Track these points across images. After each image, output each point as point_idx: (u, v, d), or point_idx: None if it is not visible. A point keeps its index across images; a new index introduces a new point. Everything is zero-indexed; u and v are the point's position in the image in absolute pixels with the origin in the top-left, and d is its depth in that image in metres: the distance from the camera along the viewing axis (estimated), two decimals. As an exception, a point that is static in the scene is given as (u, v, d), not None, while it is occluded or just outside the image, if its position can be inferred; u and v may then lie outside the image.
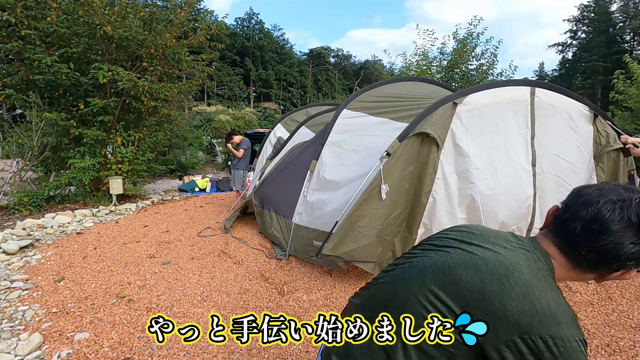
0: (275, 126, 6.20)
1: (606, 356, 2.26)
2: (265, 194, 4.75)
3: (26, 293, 3.04)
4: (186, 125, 13.31)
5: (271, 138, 6.01)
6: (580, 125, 3.26)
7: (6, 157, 7.37)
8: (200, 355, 2.24)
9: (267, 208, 4.61)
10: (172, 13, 7.27)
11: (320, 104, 6.63)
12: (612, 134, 3.33)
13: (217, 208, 6.80)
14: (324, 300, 2.99)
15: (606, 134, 3.32)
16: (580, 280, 1.03)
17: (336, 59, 57.48)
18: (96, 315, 2.69)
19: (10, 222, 5.23)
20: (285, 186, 4.35)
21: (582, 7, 38.23)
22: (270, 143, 5.94)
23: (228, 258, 4.01)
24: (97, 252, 4.13)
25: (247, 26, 46.54)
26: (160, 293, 3.10)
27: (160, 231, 5.05)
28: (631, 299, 3.05)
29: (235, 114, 17.83)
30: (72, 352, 2.23)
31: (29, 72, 5.91)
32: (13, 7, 5.57)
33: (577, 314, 2.66)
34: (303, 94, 49.69)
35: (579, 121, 3.25)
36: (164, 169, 9.51)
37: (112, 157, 6.78)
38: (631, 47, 36.27)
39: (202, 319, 2.68)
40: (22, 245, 4.15)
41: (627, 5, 34.92)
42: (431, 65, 10.31)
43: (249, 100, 44.40)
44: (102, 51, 6.61)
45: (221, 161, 14.76)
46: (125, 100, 6.63)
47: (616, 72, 9.86)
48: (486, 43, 9.91)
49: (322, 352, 1.03)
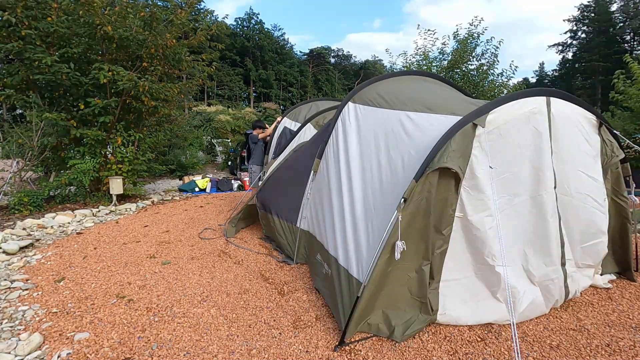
0: (282, 120, 5.91)
1: (606, 356, 2.26)
2: (267, 196, 4.55)
3: (26, 293, 3.04)
4: (186, 125, 13.30)
5: (277, 132, 5.78)
6: (591, 136, 3.01)
7: (6, 157, 7.38)
8: (200, 355, 2.24)
9: (269, 211, 4.43)
10: (172, 13, 7.28)
11: (330, 99, 6.31)
12: (615, 142, 3.20)
13: (217, 208, 6.80)
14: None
15: (610, 143, 3.12)
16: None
17: (336, 59, 57.54)
18: (96, 315, 2.69)
19: (10, 222, 5.23)
20: (289, 188, 4.16)
21: (582, 7, 38.27)
22: (276, 138, 5.72)
23: (228, 258, 4.01)
24: (97, 252, 4.13)
25: (247, 26, 46.58)
26: (160, 293, 3.10)
27: (160, 231, 5.05)
28: (631, 299, 3.05)
29: (236, 114, 17.84)
30: (72, 352, 2.23)
31: (29, 72, 5.92)
32: (13, 7, 5.57)
33: (577, 314, 2.64)
34: (303, 94, 49.71)
35: (590, 132, 3.01)
36: (164, 169, 9.51)
37: (112, 157, 6.77)
38: (631, 47, 36.29)
39: (202, 319, 2.68)
40: (22, 245, 4.15)
41: (627, 5, 34.94)
42: (431, 66, 10.31)
43: (249, 100, 44.44)
44: (102, 51, 6.61)
45: (221, 161, 14.77)
46: (125, 100, 6.63)
47: (616, 72, 9.87)
48: (487, 43, 9.92)
49: None
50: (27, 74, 5.95)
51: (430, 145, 2.49)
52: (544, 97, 2.71)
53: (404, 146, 2.77)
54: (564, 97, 2.84)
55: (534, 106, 2.64)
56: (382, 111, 3.22)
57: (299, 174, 4.01)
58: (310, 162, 3.81)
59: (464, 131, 2.41)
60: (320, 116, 4.90)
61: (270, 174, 4.68)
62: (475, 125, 2.42)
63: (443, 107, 2.84)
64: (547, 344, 2.38)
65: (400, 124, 2.93)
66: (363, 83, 3.69)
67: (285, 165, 4.52)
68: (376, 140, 3.06)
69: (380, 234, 2.45)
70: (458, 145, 2.38)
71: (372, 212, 2.76)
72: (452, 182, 2.43)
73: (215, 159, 15.40)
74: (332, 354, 2.26)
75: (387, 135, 2.98)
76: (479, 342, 2.38)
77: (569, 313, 2.79)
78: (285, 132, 5.57)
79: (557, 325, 2.61)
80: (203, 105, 22.42)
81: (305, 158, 4.06)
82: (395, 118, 3.02)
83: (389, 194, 2.67)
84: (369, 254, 2.53)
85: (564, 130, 2.79)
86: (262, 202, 4.63)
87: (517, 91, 2.75)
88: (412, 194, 2.32)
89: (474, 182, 2.47)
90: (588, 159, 2.98)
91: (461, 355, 2.25)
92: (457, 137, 2.39)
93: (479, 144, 2.46)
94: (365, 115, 3.36)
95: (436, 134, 2.54)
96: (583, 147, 2.97)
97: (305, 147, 4.36)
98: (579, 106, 2.95)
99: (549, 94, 2.75)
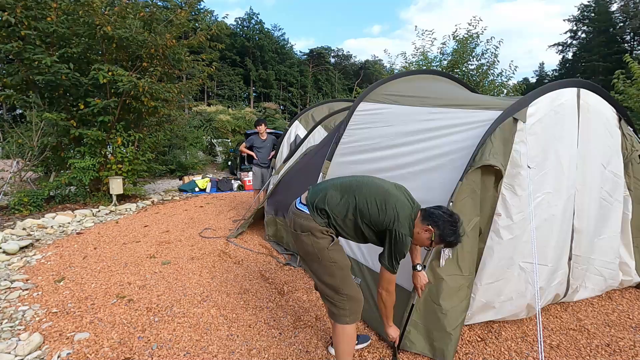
0: (293, 123, 5.67)
1: (606, 356, 2.26)
2: (278, 199, 4.43)
3: (26, 293, 3.04)
4: (186, 125, 13.31)
5: (290, 137, 5.55)
6: (614, 130, 2.94)
7: (6, 157, 7.39)
8: (200, 355, 2.24)
9: (279, 215, 4.33)
10: (172, 13, 7.28)
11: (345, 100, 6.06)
12: (635, 136, 3.12)
13: (217, 208, 6.80)
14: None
15: (630, 137, 3.04)
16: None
17: (336, 59, 57.45)
18: (96, 315, 2.69)
19: (10, 222, 5.23)
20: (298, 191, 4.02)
21: (582, 7, 38.26)
22: (287, 143, 5.51)
23: (228, 258, 4.01)
24: (97, 252, 4.13)
25: (247, 26, 46.51)
26: (161, 293, 3.10)
27: (160, 231, 5.05)
28: (631, 299, 3.05)
29: (236, 114, 17.84)
30: (72, 352, 2.23)
31: (29, 72, 5.91)
32: (13, 7, 5.57)
33: (577, 314, 2.63)
34: (303, 94, 49.67)
35: (613, 125, 2.94)
36: (164, 169, 9.51)
37: (112, 157, 6.77)
38: (631, 47, 36.29)
39: (202, 319, 2.68)
40: (22, 245, 4.15)
41: (627, 5, 34.93)
42: (431, 66, 10.30)
43: (249, 100, 44.39)
44: (102, 51, 6.60)
45: (221, 161, 14.76)
46: (125, 100, 6.63)
47: (616, 72, 9.87)
48: (486, 43, 9.91)
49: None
50: (27, 74, 5.95)
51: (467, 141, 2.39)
52: (576, 88, 2.63)
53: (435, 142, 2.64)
54: (594, 88, 2.76)
55: (566, 98, 2.57)
56: (403, 108, 3.09)
57: (308, 177, 3.88)
58: (320, 164, 3.68)
59: (505, 126, 2.29)
60: (331, 118, 4.71)
61: (280, 178, 4.56)
62: (516, 120, 2.29)
63: (474, 102, 2.74)
64: (547, 344, 2.38)
65: (426, 120, 2.80)
66: (376, 82, 3.59)
67: (295, 169, 4.40)
68: (398, 139, 2.91)
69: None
70: (499, 140, 2.26)
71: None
72: (492, 180, 2.30)
73: (215, 159, 15.39)
74: (331, 355, 2.26)
75: (411, 132, 2.84)
76: (479, 342, 2.38)
77: (569, 313, 2.79)
78: (297, 137, 5.37)
79: (557, 325, 2.61)
80: (203, 105, 22.41)
81: (315, 160, 3.93)
82: (420, 114, 2.88)
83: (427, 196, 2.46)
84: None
85: (591, 123, 2.72)
86: (275, 207, 4.51)
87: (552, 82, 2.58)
88: (458, 194, 2.18)
89: (516, 179, 2.33)
90: (611, 152, 2.90)
91: (461, 355, 2.25)
92: (497, 132, 2.26)
93: (521, 139, 2.31)
94: (382, 113, 3.24)
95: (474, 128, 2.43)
96: (607, 140, 2.88)
97: (315, 149, 4.23)
98: (604, 99, 2.87)
99: (581, 85, 2.67)
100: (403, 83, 3.59)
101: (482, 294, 2.41)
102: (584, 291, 2.92)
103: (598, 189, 2.82)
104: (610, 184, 2.91)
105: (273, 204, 4.59)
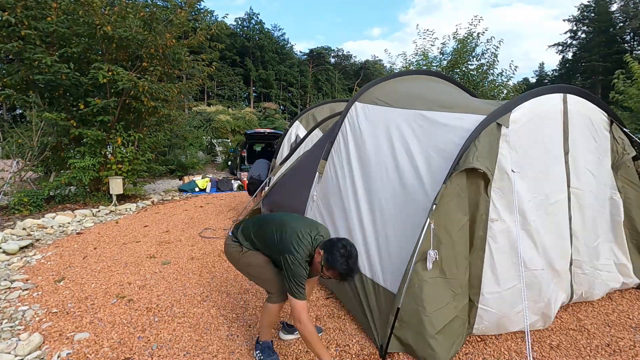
0: (294, 123, 5.60)
1: (606, 356, 2.26)
2: (274, 200, 4.43)
3: (26, 293, 3.04)
4: (186, 125, 13.31)
5: (290, 137, 5.51)
6: (600, 135, 2.96)
7: (6, 157, 7.38)
8: (200, 355, 2.24)
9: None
10: (172, 13, 7.28)
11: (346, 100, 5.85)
12: (626, 140, 3.15)
13: (217, 208, 6.80)
14: (324, 300, 2.99)
15: (622, 140, 3.06)
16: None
17: (336, 59, 57.47)
18: (96, 315, 2.69)
19: (10, 222, 5.23)
20: (294, 191, 4.03)
21: (582, 7, 38.27)
22: (287, 143, 5.47)
23: (228, 258, 4.01)
24: (97, 252, 4.13)
25: (247, 26, 46.53)
26: (161, 293, 3.10)
27: (160, 231, 5.05)
28: (631, 299, 3.05)
29: (236, 114, 17.87)
30: (72, 352, 2.23)
31: (29, 72, 5.92)
32: (13, 7, 5.58)
33: (577, 314, 2.62)
34: (303, 94, 49.69)
35: (599, 130, 2.95)
36: (164, 169, 9.50)
37: (112, 157, 6.77)
38: (631, 47, 36.30)
39: (202, 318, 2.68)
40: (22, 245, 4.15)
41: (627, 5, 34.95)
42: (431, 65, 10.30)
43: (249, 100, 44.40)
44: (102, 51, 6.61)
45: (221, 161, 14.77)
46: (125, 100, 6.63)
47: (616, 72, 9.88)
48: (487, 43, 9.90)
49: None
50: (27, 73, 5.95)
51: (453, 144, 2.41)
52: (562, 93, 2.65)
53: (424, 146, 2.65)
54: (580, 93, 2.78)
55: (552, 103, 2.60)
56: (394, 110, 3.10)
57: (304, 177, 3.88)
58: (315, 164, 3.67)
59: (489, 131, 2.32)
60: (330, 120, 4.67)
61: (277, 179, 4.56)
62: (499, 125, 2.33)
63: (460, 105, 2.76)
64: (547, 344, 2.38)
65: (416, 122, 2.82)
66: (369, 83, 3.59)
67: (292, 170, 4.40)
68: (390, 142, 2.92)
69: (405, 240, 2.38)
70: (483, 145, 2.28)
71: (394, 217, 2.62)
72: (481, 184, 2.31)
73: (215, 159, 15.41)
74: (331, 354, 2.26)
75: (402, 135, 2.86)
76: (479, 342, 2.38)
77: (569, 313, 2.79)
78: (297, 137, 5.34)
79: (557, 325, 2.61)
80: (203, 105, 22.43)
81: (310, 160, 3.95)
82: (410, 117, 2.89)
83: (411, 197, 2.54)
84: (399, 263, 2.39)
85: (577, 127, 2.75)
86: (270, 208, 4.52)
87: (536, 88, 2.62)
88: (442, 197, 2.19)
89: (504, 183, 2.33)
90: (592, 157, 2.92)
91: (461, 355, 2.25)
92: (482, 137, 2.29)
93: (506, 144, 2.34)
94: (375, 115, 3.25)
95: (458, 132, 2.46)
96: (594, 145, 2.92)
97: (311, 149, 4.24)
98: (593, 103, 2.89)
99: (567, 91, 2.68)
100: (397, 83, 3.57)
101: (492, 303, 2.34)
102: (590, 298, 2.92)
103: (588, 193, 2.84)
104: (601, 188, 2.93)
105: (269, 204, 4.58)
